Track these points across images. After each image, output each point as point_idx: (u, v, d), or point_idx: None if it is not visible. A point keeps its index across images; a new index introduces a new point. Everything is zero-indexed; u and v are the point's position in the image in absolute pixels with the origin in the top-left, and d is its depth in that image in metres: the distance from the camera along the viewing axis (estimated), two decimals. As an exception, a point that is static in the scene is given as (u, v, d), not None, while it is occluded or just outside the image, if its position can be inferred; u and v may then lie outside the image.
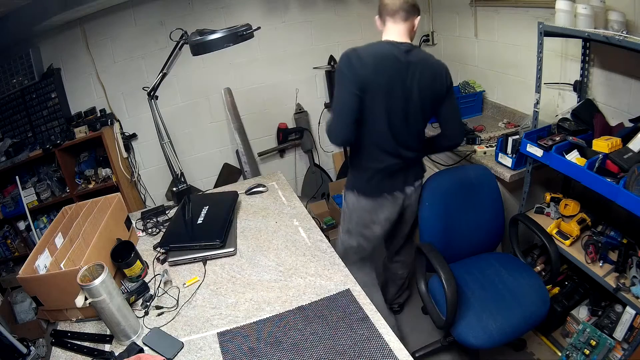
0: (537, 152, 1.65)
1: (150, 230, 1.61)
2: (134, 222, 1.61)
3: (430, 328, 2.02)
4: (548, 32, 1.57)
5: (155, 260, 1.43)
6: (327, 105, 3.06)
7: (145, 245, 1.52)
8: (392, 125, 1.44)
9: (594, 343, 1.60)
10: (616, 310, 1.61)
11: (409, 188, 1.61)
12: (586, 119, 1.70)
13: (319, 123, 3.12)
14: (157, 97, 1.65)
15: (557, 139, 1.62)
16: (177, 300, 1.23)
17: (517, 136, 1.83)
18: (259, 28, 1.48)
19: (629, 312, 1.49)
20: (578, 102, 1.84)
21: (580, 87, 1.84)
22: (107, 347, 1.11)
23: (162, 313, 1.19)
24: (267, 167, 3.11)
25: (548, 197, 1.88)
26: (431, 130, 1.96)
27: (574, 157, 1.54)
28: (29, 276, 1.15)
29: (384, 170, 1.53)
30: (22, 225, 2.64)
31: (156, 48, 2.54)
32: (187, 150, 2.87)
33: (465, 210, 1.71)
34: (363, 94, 1.36)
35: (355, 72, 1.35)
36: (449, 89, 1.47)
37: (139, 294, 1.23)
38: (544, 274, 1.88)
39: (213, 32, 1.39)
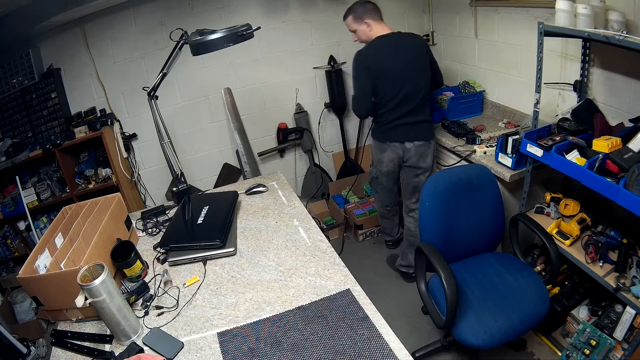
0: (537, 152, 1.65)
1: (150, 230, 1.61)
2: (134, 222, 1.61)
3: (430, 328, 2.02)
4: (548, 32, 1.58)
5: (155, 260, 1.43)
6: (327, 105, 3.07)
7: (145, 245, 1.52)
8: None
9: (594, 343, 1.61)
10: (616, 310, 1.62)
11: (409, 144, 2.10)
12: (586, 119, 1.70)
13: (319, 123, 3.12)
14: (157, 97, 1.65)
15: (557, 138, 1.62)
16: (177, 300, 1.23)
17: (517, 136, 1.83)
18: (259, 28, 1.48)
19: (629, 312, 1.50)
20: (578, 102, 1.84)
21: (580, 87, 1.84)
22: (107, 347, 1.11)
23: (162, 313, 1.19)
24: (267, 167, 3.11)
25: (548, 197, 1.88)
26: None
27: (574, 157, 1.54)
28: (29, 276, 1.15)
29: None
30: (22, 225, 2.64)
31: (156, 48, 2.54)
32: (187, 150, 2.88)
33: (465, 210, 1.71)
34: None
35: None
36: None
37: (139, 294, 1.23)
38: (544, 273, 1.88)
39: (213, 32, 1.39)
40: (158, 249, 1.46)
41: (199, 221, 1.50)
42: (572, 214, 1.77)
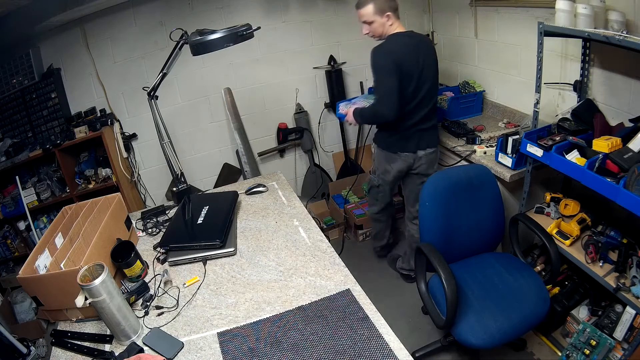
0: (537, 152, 1.65)
1: (150, 230, 1.61)
2: (134, 222, 1.61)
3: (430, 328, 2.02)
4: (548, 32, 1.58)
5: (155, 260, 1.43)
6: (327, 105, 3.07)
7: (145, 245, 1.52)
8: None
9: (594, 343, 1.61)
10: (616, 310, 1.62)
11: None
12: (586, 119, 1.70)
13: (319, 123, 3.12)
14: (157, 97, 1.65)
15: (557, 138, 1.62)
16: (177, 300, 1.23)
17: (517, 136, 1.83)
18: (259, 28, 1.48)
19: (629, 312, 1.50)
20: (578, 102, 1.84)
21: (580, 87, 1.84)
22: (107, 347, 1.11)
23: (162, 313, 1.19)
24: (267, 167, 3.11)
25: (548, 197, 1.88)
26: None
27: (574, 157, 1.54)
28: (29, 276, 1.15)
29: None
30: (22, 225, 2.64)
31: (156, 48, 2.54)
32: (187, 150, 2.88)
33: (466, 210, 1.71)
34: None
35: None
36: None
37: (139, 294, 1.23)
38: (544, 273, 1.89)
39: (213, 32, 1.39)
40: (158, 249, 1.46)
41: (199, 221, 1.50)
42: (572, 214, 1.77)
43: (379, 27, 1.87)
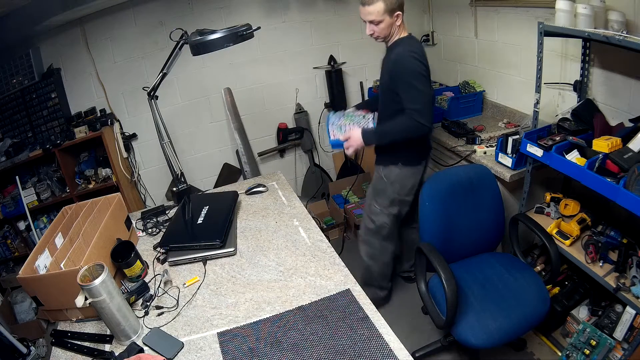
0: (537, 152, 1.65)
1: (150, 230, 1.61)
2: (134, 222, 1.61)
3: (430, 328, 2.02)
4: (548, 32, 1.58)
5: (155, 260, 1.43)
6: (327, 105, 3.07)
7: (145, 245, 1.52)
8: None
9: (594, 343, 1.61)
10: (616, 310, 1.62)
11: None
12: (586, 119, 1.70)
13: (319, 123, 3.12)
14: (157, 97, 1.65)
15: (557, 138, 1.62)
16: (177, 300, 1.23)
17: (517, 136, 1.83)
18: (259, 28, 1.48)
19: (629, 312, 1.50)
20: (578, 102, 1.84)
21: (580, 87, 1.84)
22: (107, 347, 1.11)
23: (162, 313, 1.19)
24: (267, 167, 3.11)
25: (548, 197, 1.88)
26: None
27: (574, 157, 1.54)
28: (29, 276, 1.15)
29: None
30: (22, 225, 2.64)
31: (156, 48, 2.54)
32: (187, 150, 2.88)
33: (465, 210, 1.71)
34: None
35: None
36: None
37: (139, 294, 1.23)
38: (544, 274, 1.89)
39: (213, 32, 1.38)
40: (158, 249, 1.46)
41: (199, 221, 1.50)
42: (572, 214, 1.77)
43: (386, 28, 1.66)
